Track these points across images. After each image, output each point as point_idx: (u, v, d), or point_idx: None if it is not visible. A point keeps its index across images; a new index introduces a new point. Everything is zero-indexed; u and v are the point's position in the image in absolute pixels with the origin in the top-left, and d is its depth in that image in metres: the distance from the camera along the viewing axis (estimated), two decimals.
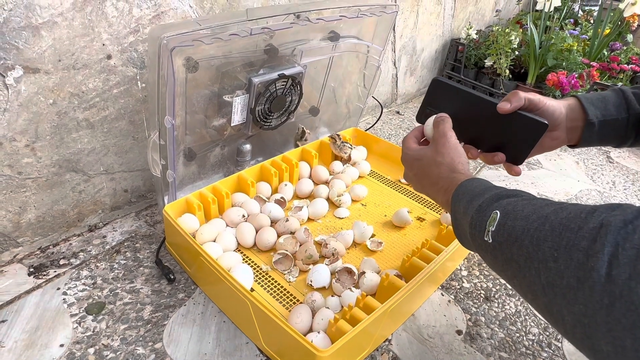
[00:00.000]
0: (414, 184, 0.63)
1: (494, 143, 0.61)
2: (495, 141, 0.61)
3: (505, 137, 0.59)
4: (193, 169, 0.91)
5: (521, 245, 0.38)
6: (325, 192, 0.99)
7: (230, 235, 0.82)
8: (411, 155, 0.61)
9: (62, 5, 0.68)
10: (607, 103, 0.60)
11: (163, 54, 0.63)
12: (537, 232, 0.37)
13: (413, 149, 0.61)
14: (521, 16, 2.02)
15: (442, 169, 0.56)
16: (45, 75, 0.70)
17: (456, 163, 0.55)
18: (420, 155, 0.59)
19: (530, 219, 0.39)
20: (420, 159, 0.59)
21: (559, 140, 0.62)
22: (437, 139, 0.58)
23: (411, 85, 1.72)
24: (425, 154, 0.58)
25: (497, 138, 0.60)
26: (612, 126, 0.60)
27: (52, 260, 0.80)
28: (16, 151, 0.72)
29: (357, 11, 0.89)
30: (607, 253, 0.31)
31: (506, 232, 0.40)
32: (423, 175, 0.59)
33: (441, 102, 0.62)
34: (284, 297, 0.74)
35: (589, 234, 0.33)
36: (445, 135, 0.57)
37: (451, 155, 0.56)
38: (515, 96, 0.57)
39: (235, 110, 0.85)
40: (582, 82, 1.43)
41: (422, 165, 0.58)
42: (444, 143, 0.57)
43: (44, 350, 0.64)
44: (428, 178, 0.58)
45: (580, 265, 0.32)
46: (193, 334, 0.69)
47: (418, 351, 0.69)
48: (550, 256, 0.34)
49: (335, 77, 1.08)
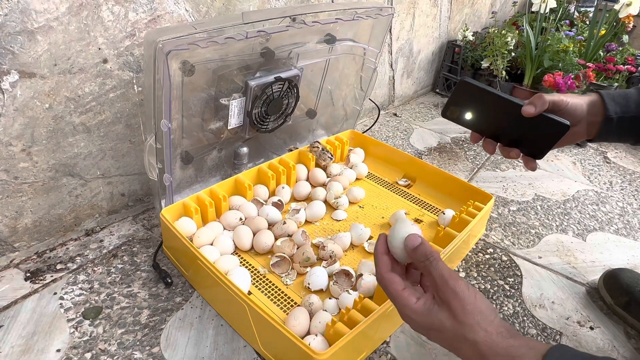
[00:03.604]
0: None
1: (514, 138, 0.62)
2: (515, 137, 0.61)
3: (527, 135, 0.60)
4: (190, 172, 0.91)
5: None
6: (322, 194, 0.99)
7: (227, 239, 0.82)
8: (422, 323, 0.45)
9: (58, 10, 0.68)
10: (628, 100, 0.60)
11: (159, 57, 0.64)
12: None
13: (419, 312, 0.45)
14: (517, 18, 2.03)
15: (482, 350, 0.42)
16: (41, 79, 0.70)
17: (495, 337, 0.42)
18: (437, 326, 0.44)
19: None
20: (439, 330, 0.44)
21: (578, 134, 0.62)
22: (448, 302, 0.43)
23: (408, 87, 1.72)
24: (444, 325, 0.44)
25: (518, 135, 0.61)
26: (632, 123, 0.60)
27: (49, 265, 0.80)
28: (12, 156, 0.72)
29: (353, 14, 0.89)
30: None
31: None
32: (453, 350, 0.45)
33: (466, 102, 0.63)
34: (282, 300, 0.74)
35: None
36: (456, 295, 0.43)
37: (482, 325, 0.42)
38: (540, 99, 0.57)
39: (232, 113, 0.85)
40: (578, 82, 1.44)
41: (448, 340, 0.44)
42: (463, 308, 0.43)
43: (41, 356, 0.64)
44: (464, 356, 0.44)
45: None
46: (190, 337, 0.69)
47: (416, 353, 0.69)
48: None
49: (332, 80, 1.08)
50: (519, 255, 0.93)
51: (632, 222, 1.09)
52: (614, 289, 0.80)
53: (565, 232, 1.02)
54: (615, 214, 1.11)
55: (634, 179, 1.29)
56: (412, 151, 1.34)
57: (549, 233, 1.01)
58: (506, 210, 1.09)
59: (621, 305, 0.78)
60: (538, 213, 1.08)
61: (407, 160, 1.11)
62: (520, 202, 1.12)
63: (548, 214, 1.08)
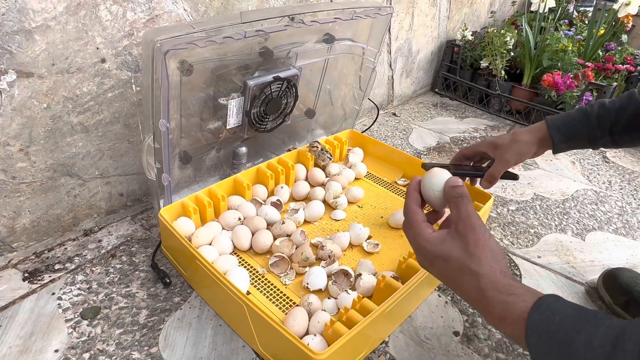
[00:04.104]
0: (437, 278, 0.51)
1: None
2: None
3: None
4: (189, 172, 0.90)
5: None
6: (321, 194, 0.99)
7: (226, 239, 0.82)
8: (431, 252, 0.47)
9: (56, 9, 0.68)
10: (572, 128, 0.73)
11: (157, 57, 0.63)
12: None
13: (431, 240, 0.47)
14: (516, 17, 2.03)
15: (482, 284, 0.43)
16: (39, 79, 0.70)
17: (498, 274, 0.43)
18: (445, 254, 0.46)
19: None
20: (446, 259, 0.46)
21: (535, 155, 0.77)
22: (464, 234, 0.45)
23: (407, 87, 1.72)
24: (452, 253, 0.45)
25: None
26: (578, 145, 0.75)
27: (47, 265, 0.80)
28: (10, 156, 0.72)
29: (352, 13, 0.89)
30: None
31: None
32: (453, 282, 0.47)
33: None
34: (280, 300, 0.74)
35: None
36: (474, 229, 0.45)
37: (489, 261, 0.44)
38: (493, 178, 0.74)
39: (230, 113, 0.85)
40: (577, 82, 1.44)
41: (450, 270, 0.46)
42: (476, 241, 0.44)
43: (39, 356, 0.64)
44: (463, 290, 0.46)
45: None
46: (189, 337, 0.68)
47: (415, 353, 0.69)
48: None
49: (331, 79, 1.08)
50: (518, 254, 0.93)
51: (631, 221, 1.09)
52: (613, 289, 0.80)
53: (565, 231, 1.02)
54: (614, 213, 1.11)
55: (633, 179, 1.29)
56: (411, 151, 1.34)
57: (548, 233, 1.01)
58: (505, 209, 1.09)
59: (620, 304, 0.78)
60: (537, 213, 1.08)
61: (406, 160, 1.11)
62: (519, 202, 1.12)
63: (547, 214, 1.08)
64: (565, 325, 0.39)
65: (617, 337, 0.36)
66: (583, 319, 0.39)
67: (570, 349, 0.38)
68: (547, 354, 0.40)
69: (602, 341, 0.37)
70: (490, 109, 1.69)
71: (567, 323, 0.39)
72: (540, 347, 0.40)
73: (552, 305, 0.41)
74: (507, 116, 1.65)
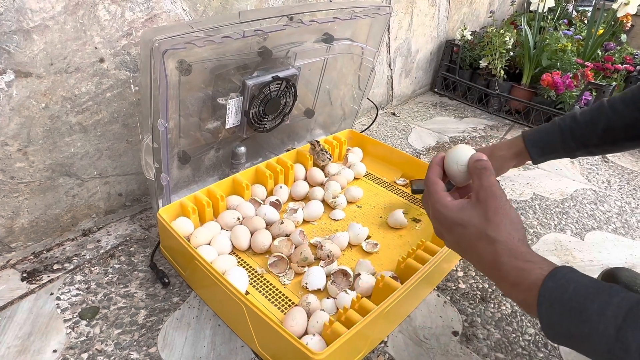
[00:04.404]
0: (452, 249, 0.51)
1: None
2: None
3: None
4: (187, 172, 0.90)
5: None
6: (320, 194, 0.99)
7: (225, 238, 0.82)
8: (450, 218, 0.47)
9: (54, 9, 0.68)
10: (550, 143, 0.75)
11: (155, 57, 0.63)
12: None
13: (451, 207, 0.47)
14: (515, 17, 2.03)
15: (498, 249, 0.43)
16: (37, 79, 0.70)
17: (515, 241, 0.43)
18: (464, 220, 0.46)
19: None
20: (464, 225, 0.46)
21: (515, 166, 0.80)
22: (485, 201, 0.45)
23: (406, 86, 1.72)
24: (471, 220, 0.45)
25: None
26: (556, 157, 0.77)
27: (46, 265, 0.80)
28: (8, 156, 0.72)
29: (351, 13, 0.89)
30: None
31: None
32: (469, 248, 0.47)
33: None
34: (279, 300, 0.74)
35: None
36: (495, 197, 0.44)
37: (507, 228, 0.44)
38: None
39: (229, 112, 0.85)
40: (577, 82, 1.44)
41: (467, 236, 0.46)
42: (496, 209, 0.44)
43: (37, 356, 0.64)
44: (478, 256, 0.46)
45: None
46: (188, 337, 0.68)
47: (414, 353, 0.69)
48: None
49: (330, 79, 1.08)
50: None
51: (630, 221, 1.09)
52: None
53: (564, 231, 1.02)
54: (613, 213, 1.11)
55: (632, 178, 1.29)
56: (410, 151, 1.34)
57: (547, 232, 1.01)
58: None
59: None
60: (536, 212, 1.08)
61: (405, 160, 1.11)
62: (518, 202, 1.12)
63: (546, 213, 1.08)
64: (579, 294, 0.38)
65: (630, 309, 0.36)
66: (598, 289, 0.39)
67: (582, 317, 0.38)
68: (558, 323, 0.39)
69: (615, 311, 0.36)
70: (489, 109, 1.69)
71: (582, 292, 0.39)
72: (551, 315, 0.40)
73: (568, 275, 0.40)
74: (507, 116, 1.65)
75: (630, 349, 0.35)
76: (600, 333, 0.36)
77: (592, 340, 0.37)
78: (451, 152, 0.51)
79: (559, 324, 0.39)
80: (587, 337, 0.37)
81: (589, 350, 0.38)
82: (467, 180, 0.50)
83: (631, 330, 0.35)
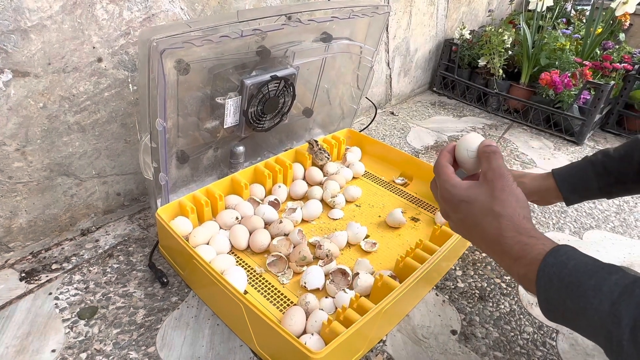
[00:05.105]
0: (457, 229, 0.51)
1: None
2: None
3: None
4: (186, 171, 0.90)
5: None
6: (319, 193, 0.99)
7: (223, 238, 0.82)
8: (457, 196, 0.48)
9: (52, 9, 0.68)
10: (584, 184, 0.72)
11: (153, 56, 0.63)
12: None
13: (459, 186, 0.48)
14: (514, 16, 2.03)
15: (502, 224, 0.44)
16: (35, 78, 0.70)
17: (520, 218, 0.44)
18: (471, 197, 0.47)
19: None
20: (470, 202, 0.47)
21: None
22: (492, 180, 0.46)
23: (405, 85, 1.72)
24: (478, 197, 0.46)
25: None
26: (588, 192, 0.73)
27: (44, 265, 0.80)
28: (6, 155, 0.71)
29: (349, 12, 0.89)
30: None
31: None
32: (474, 225, 0.47)
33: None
34: (278, 299, 0.74)
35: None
36: (502, 176, 0.45)
37: (513, 205, 0.44)
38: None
39: (227, 112, 0.85)
40: (575, 81, 1.44)
41: (473, 212, 0.46)
42: (502, 187, 0.45)
43: (36, 356, 0.64)
44: (482, 232, 0.46)
45: None
46: (186, 337, 0.68)
47: (413, 352, 0.69)
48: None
49: (329, 78, 1.08)
50: None
51: (629, 219, 1.09)
52: None
53: (562, 230, 1.03)
54: (611, 211, 1.11)
55: None
56: (409, 150, 1.34)
57: (545, 231, 1.01)
58: None
59: None
60: (535, 211, 1.08)
61: (404, 159, 1.11)
62: None
63: (545, 212, 1.08)
64: (578, 271, 0.39)
65: (626, 285, 0.36)
66: (597, 267, 0.39)
67: (578, 292, 0.38)
68: (555, 298, 0.40)
69: (612, 287, 0.37)
70: (488, 108, 1.69)
71: (580, 269, 0.39)
72: (549, 289, 0.40)
73: (570, 252, 0.41)
74: (505, 115, 1.65)
75: (622, 322, 0.35)
76: (595, 308, 0.37)
77: (586, 315, 0.37)
78: (462, 139, 0.52)
79: (556, 300, 0.40)
80: (582, 311, 0.38)
81: (583, 326, 0.39)
82: (477, 168, 0.51)
83: (625, 305, 0.35)
